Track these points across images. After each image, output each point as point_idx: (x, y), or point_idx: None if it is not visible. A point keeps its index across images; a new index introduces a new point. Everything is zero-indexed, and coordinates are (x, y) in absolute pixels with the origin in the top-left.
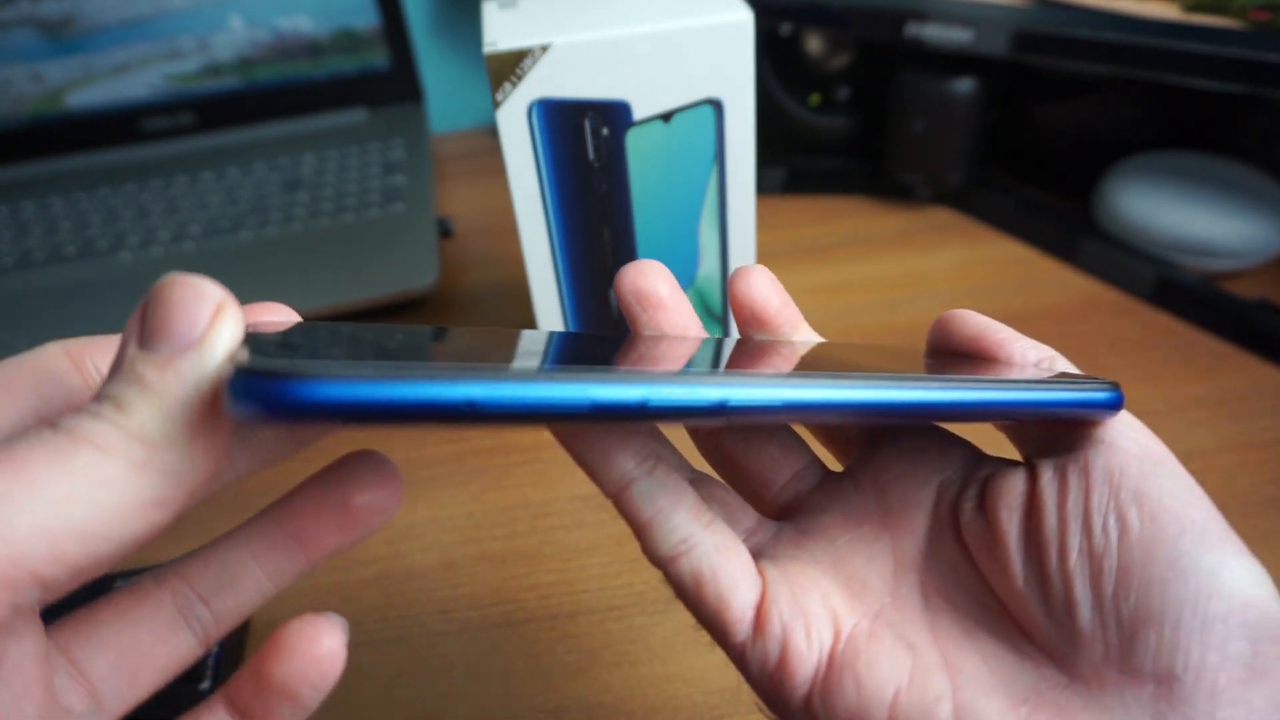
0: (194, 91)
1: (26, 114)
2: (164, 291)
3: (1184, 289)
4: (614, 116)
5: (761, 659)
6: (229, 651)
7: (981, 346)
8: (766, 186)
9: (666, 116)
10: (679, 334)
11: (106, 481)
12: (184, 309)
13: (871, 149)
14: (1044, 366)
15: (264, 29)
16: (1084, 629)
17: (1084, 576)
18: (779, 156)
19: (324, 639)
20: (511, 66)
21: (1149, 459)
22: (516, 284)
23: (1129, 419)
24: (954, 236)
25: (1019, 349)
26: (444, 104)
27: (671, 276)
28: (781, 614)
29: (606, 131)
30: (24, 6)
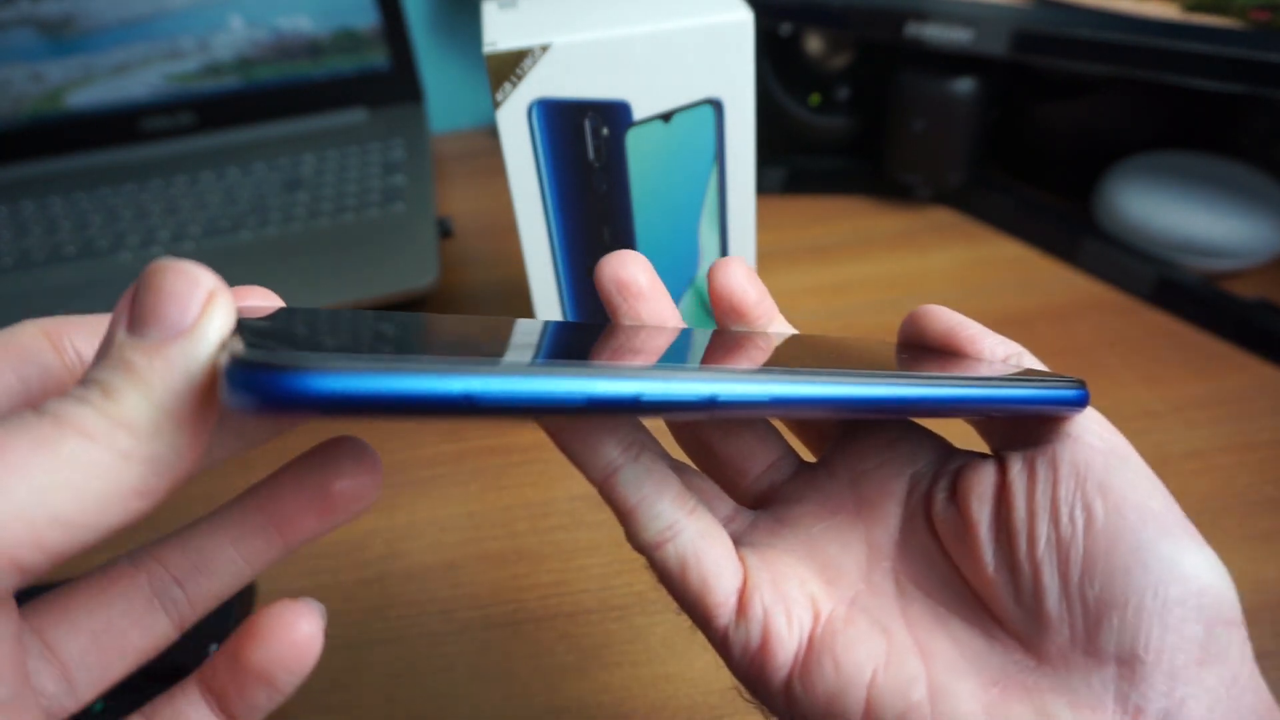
0: (194, 91)
1: (26, 114)
2: (155, 277)
3: (1184, 289)
4: (614, 116)
5: (744, 642)
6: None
7: (952, 342)
8: (766, 186)
9: (666, 116)
10: (658, 324)
11: (91, 469)
12: (175, 295)
13: (871, 149)
14: (1012, 362)
15: (264, 29)
16: (1051, 613)
17: (1051, 564)
18: (779, 156)
19: (301, 623)
20: (511, 66)
21: (1113, 453)
22: (516, 284)
23: (1094, 415)
24: (954, 236)
25: (988, 345)
26: (444, 104)
27: (651, 267)
28: (763, 599)
29: (606, 131)
30: (24, 6)
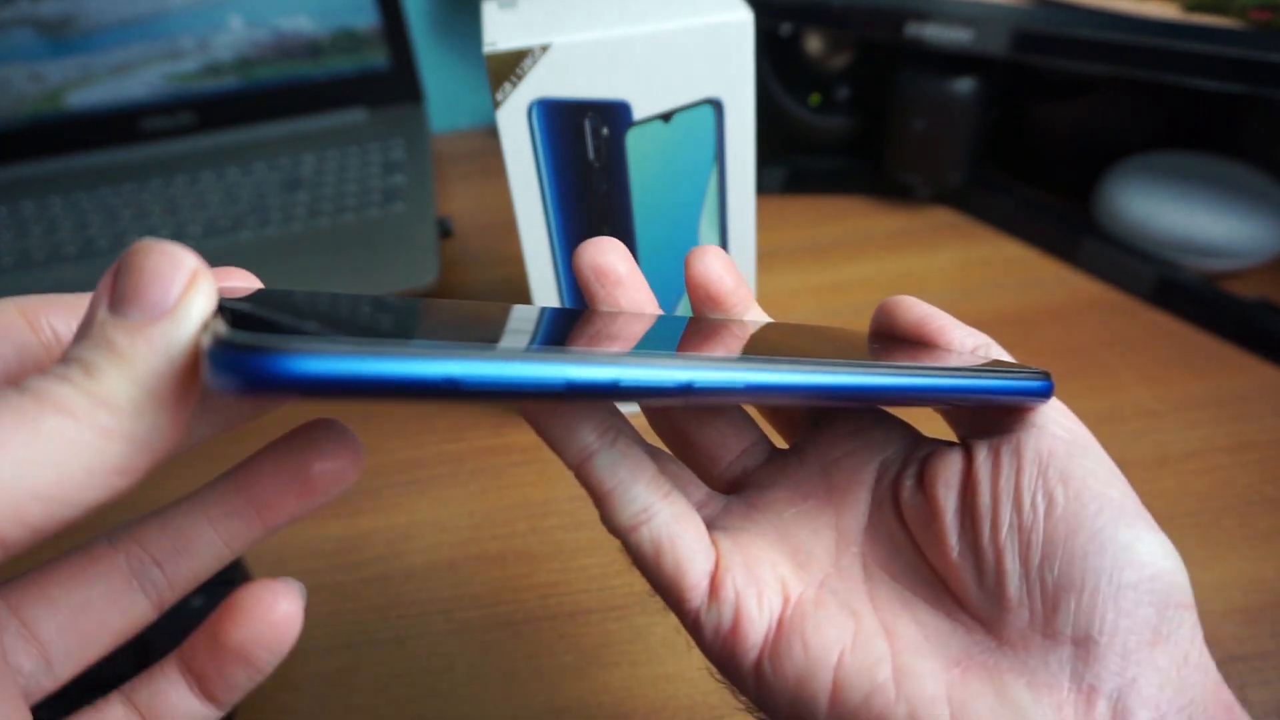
0: (194, 91)
1: (26, 114)
2: (137, 257)
3: (1184, 289)
4: (614, 116)
5: (715, 624)
6: None
7: (922, 333)
8: (766, 186)
9: (666, 116)
10: (635, 310)
11: (72, 446)
12: (158, 275)
13: (871, 149)
14: (980, 353)
15: (264, 29)
16: (1012, 596)
17: (1014, 548)
18: (779, 156)
19: (281, 603)
20: (511, 66)
21: (1075, 443)
22: (516, 284)
23: (1058, 405)
24: (954, 236)
25: (957, 336)
26: (444, 104)
27: (629, 255)
28: (735, 581)
29: (606, 131)
30: (24, 6)
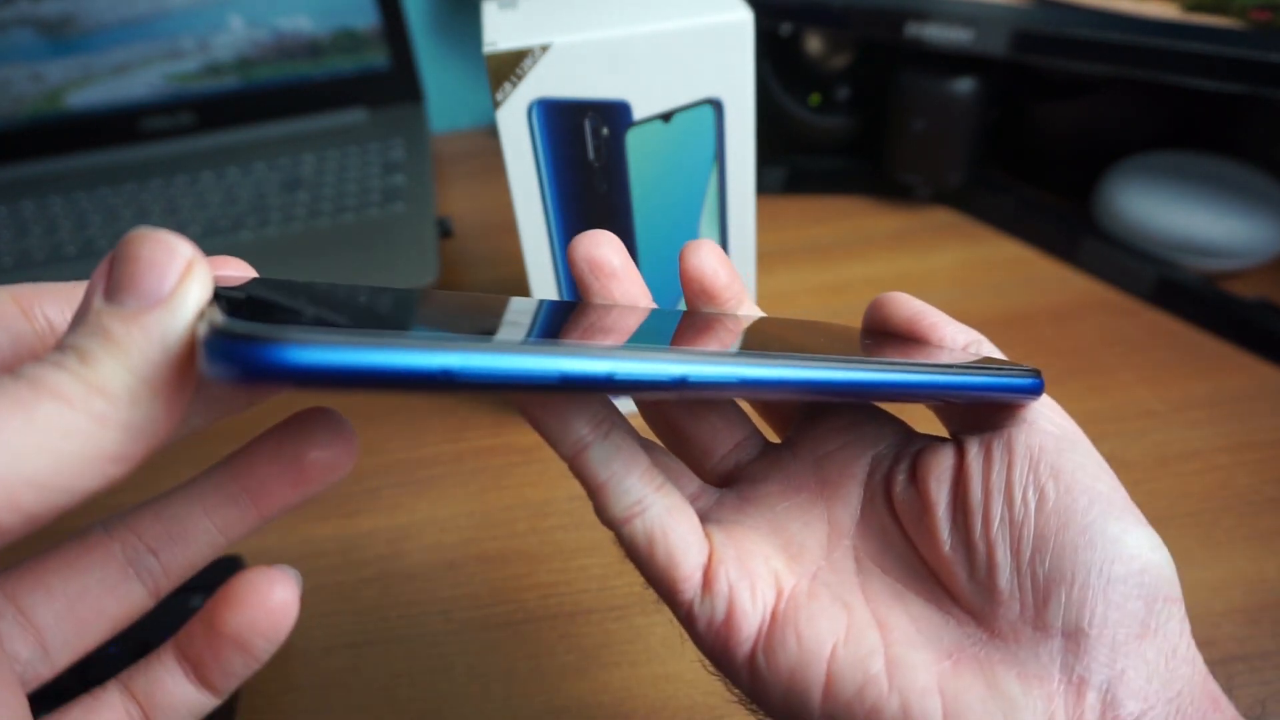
0: (194, 91)
1: (26, 114)
2: (133, 246)
3: (1184, 289)
4: (614, 116)
5: (709, 616)
6: None
7: (914, 329)
8: (766, 186)
9: (666, 116)
10: (629, 303)
11: (67, 433)
12: (153, 264)
13: (871, 149)
14: (971, 350)
15: (264, 29)
16: (1003, 590)
17: (1005, 542)
18: (779, 156)
19: (277, 590)
20: (511, 66)
21: (1065, 438)
22: (516, 284)
23: (1048, 401)
24: (954, 236)
25: (949, 333)
26: (444, 104)
27: (623, 248)
28: (728, 574)
29: (606, 131)
30: (24, 6)
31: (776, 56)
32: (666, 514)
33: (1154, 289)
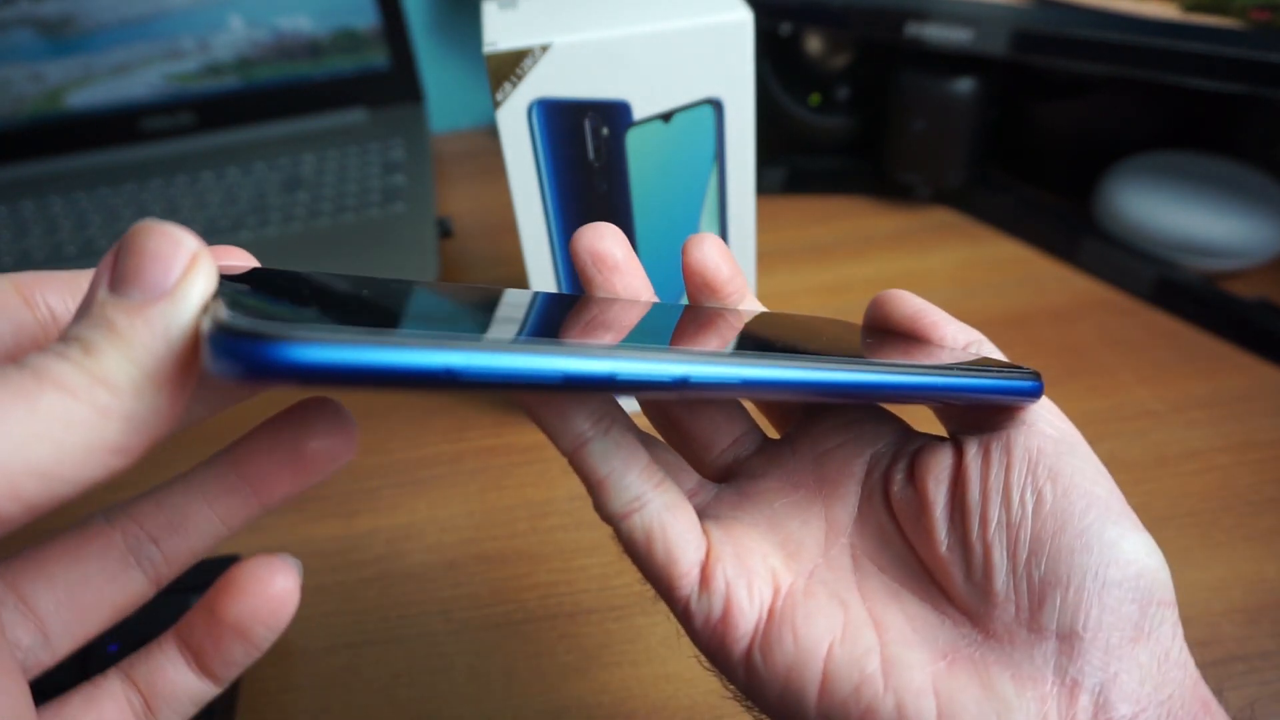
0: (194, 91)
1: (26, 114)
2: (138, 238)
3: (1184, 289)
4: (614, 116)
5: (706, 613)
6: None
7: (915, 327)
8: (766, 186)
9: (666, 116)
10: (631, 297)
11: (70, 424)
12: (158, 256)
13: (871, 149)
14: (972, 350)
15: (264, 29)
16: (999, 591)
17: (1002, 544)
18: (779, 156)
19: (278, 578)
20: (511, 66)
21: (1063, 441)
22: (516, 284)
23: (1047, 404)
24: (954, 236)
25: (950, 332)
26: (444, 104)
27: (626, 241)
28: (726, 571)
29: (606, 131)
30: (24, 6)
31: (776, 56)
32: (665, 510)
33: (1154, 289)
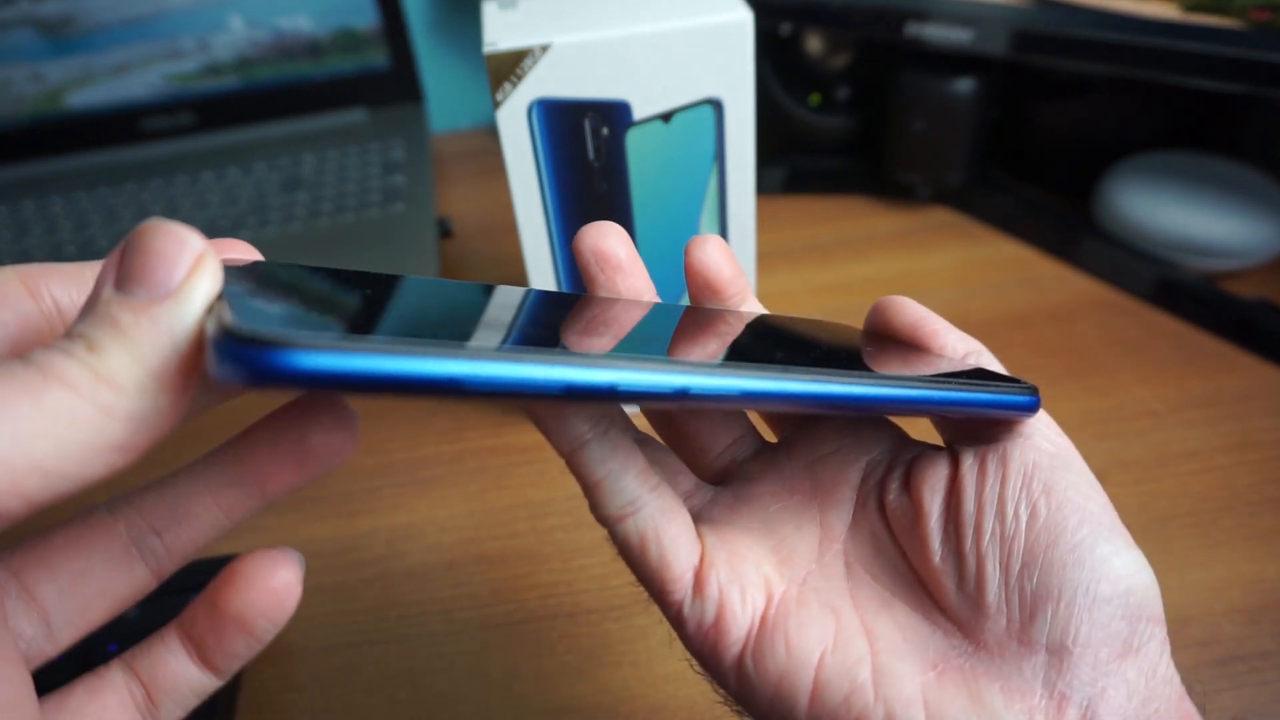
0: (194, 91)
1: (26, 114)
2: (145, 237)
3: (1184, 289)
4: (614, 116)
5: (698, 618)
6: None
7: (915, 336)
8: (766, 186)
9: (666, 116)
10: (634, 297)
11: (73, 421)
12: (164, 256)
13: (871, 149)
14: (971, 360)
15: (264, 29)
16: (991, 603)
17: (995, 556)
18: (779, 156)
19: (281, 571)
20: (511, 66)
21: (1059, 456)
22: (517, 284)
23: (1045, 418)
24: (954, 236)
25: (949, 341)
26: (444, 104)
27: (629, 240)
28: (719, 577)
29: (606, 131)
30: (24, 6)
31: (776, 56)
32: (660, 514)
33: (1154, 289)
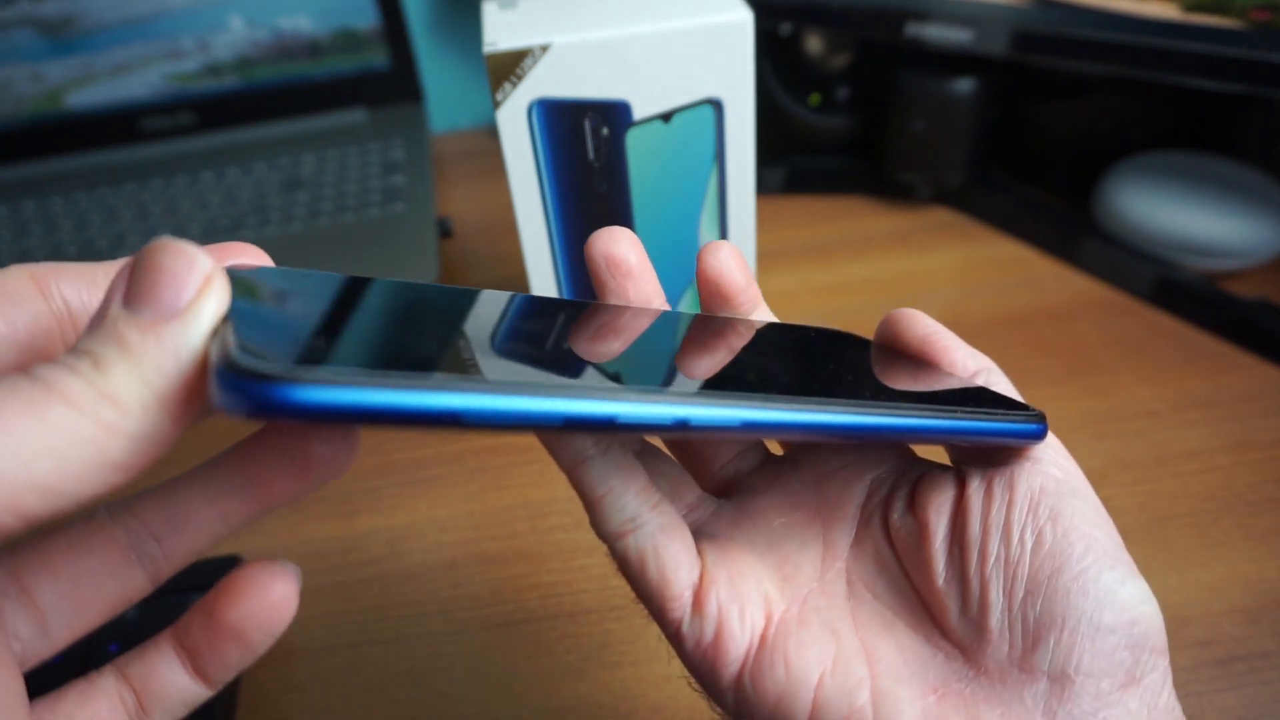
0: (194, 91)
1: (26, 114)
2: (154, 255)
3: (1184, 289)
4: (614, 116)
5: (697, 637)
6: None
7: (925, 351)
8: (766, 186)
9: (666, 116)
10: (643, 303)
11: (74, 439)
12: (173, 275)
13: (871, 149)
14: (980, 379)
15: (264, 29)
16: (994, 629)
17: (999, 581)
18: (779, 156)
19: (277, 584)
20: (511, 66)
21: (1066, 482)
22: (516, 284)
23: (1054, 442)
24: (954, 236)
25: (959, 358)
26: (444, 104)
27: (640, 246)
28: (719, 596)
29: (606, 131)
30: (24, 6)
31: (776, 56)
32: (660, 532)
33: (1154, 289)
